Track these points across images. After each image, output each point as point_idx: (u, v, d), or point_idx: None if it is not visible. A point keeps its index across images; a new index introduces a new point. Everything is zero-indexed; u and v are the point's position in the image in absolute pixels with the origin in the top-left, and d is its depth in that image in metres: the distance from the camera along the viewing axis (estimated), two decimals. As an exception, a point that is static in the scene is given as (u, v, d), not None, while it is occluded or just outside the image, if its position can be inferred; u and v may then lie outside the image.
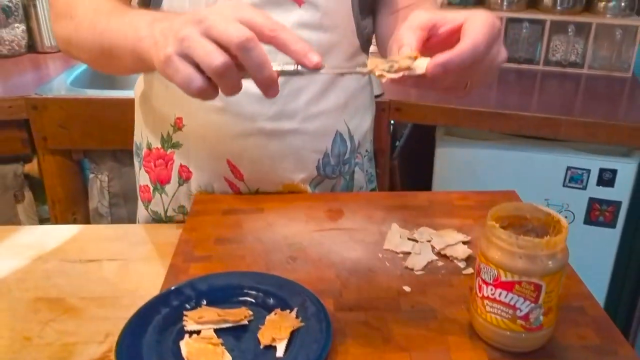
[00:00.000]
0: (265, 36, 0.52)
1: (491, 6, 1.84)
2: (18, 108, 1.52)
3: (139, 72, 0.76)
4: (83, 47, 0.77)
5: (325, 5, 0.83)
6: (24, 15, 1.91)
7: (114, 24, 0.69)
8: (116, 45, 0.67)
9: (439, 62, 0.52)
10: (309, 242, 0.79)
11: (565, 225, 0.57)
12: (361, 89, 0.96)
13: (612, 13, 1.77)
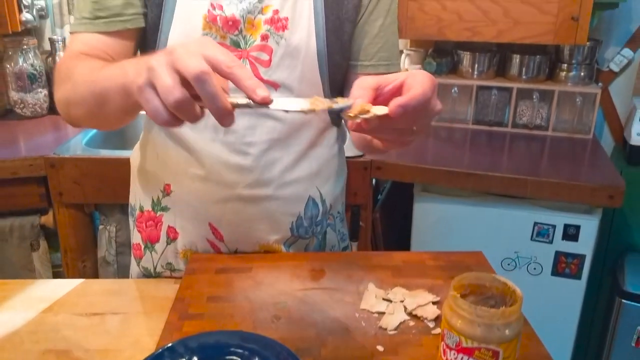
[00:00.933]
0: (223, 71, 0.53)
1: (463, 74, 1.89)
2: (38, 166, 1.54)
3: (128, 113, 0.73)
4: (80, 101, 0.76)
5: (299, 89, 0.86)
6: (46, 81, 1.94)
7: (106, 72, 0.70)
8: (107, 88, 0.68)
9: (400, 103, 0.56)
10: (292, 301, 0.79)
11: (520, 296, 0.58)
12: (333, 157, 0.97)
13: (572, 82, 1.81)
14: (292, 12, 0.83)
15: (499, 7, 1.61)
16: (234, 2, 0.82)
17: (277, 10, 0.82)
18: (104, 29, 0.82)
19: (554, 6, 1.56)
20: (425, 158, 1.61)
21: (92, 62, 0.78)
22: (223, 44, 0.82)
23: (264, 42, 0.83)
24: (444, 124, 1.91)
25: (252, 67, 0.83)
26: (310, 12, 0.83)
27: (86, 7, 0.83)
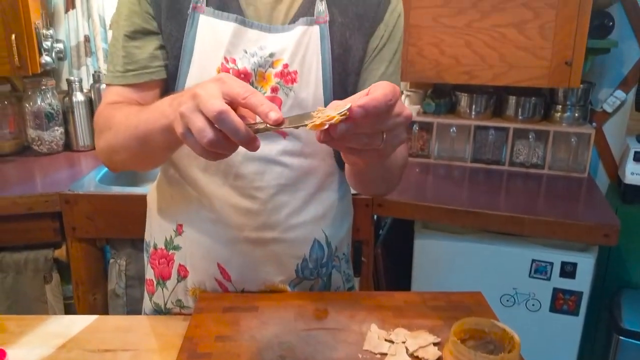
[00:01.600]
0: (240, 102, 0.59)
1: (461, 115, 1.92)
2: (53, 202, 1.56)
3: (171, 149, 0.79)
4: (123, 146, 0.81)
5: (306, 137, 0.88)
6: (62, 119, 1.98)
7: (144, 116, 0.75)
8: (149, 130, 0.73)
9: (359, 103, 0.56)
10: (297, 341, 0.80)
11: (518, 342, 0.58)
12: (338, 200, 0.98)
13: (567, 122, 1.84)
14: (300, 66, 0.85)
15: (495, 52, 1.64)
16: (247, 57, 0.84)
17: (287, 64, 0.85)
18: (134, 80, 0.87)
19: (548, 52, 1.60)
20: (425, 195, 1.63)
21: (128, 108, 0.83)
22: None
23: (273, 94, 0.85)
24: (443, 161, 1.93)
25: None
26: (318, 65, 0.86)
27: (118, 61, 0.87)
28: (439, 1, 1.65)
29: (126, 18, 0.86)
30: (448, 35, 1.67)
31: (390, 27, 0.90)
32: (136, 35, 0.86)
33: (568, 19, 1.56)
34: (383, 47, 0.90)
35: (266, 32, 0.85)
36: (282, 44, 0.85)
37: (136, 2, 0.86)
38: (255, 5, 0.86)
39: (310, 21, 0.85)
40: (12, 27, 1.70)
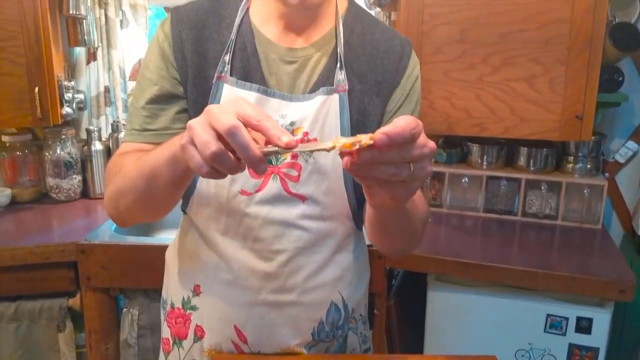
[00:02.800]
0: (253, 124, 0.59)
1: (473, 165, 1.93)
2: (69, 252, 1.59)
3: (177, 185, 0.76)
4: (130, 187, 0.81)
5: (325, 200, 0.90)
6: (81, 168, 2.03)
7: (154, 152, 0.76)
8: (156, 164, 0.74)
9: (383, 131, 0.55)
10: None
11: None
12: (355, 261, 0.99)
13: (579, 173, 1.85)
14: (320, 133, 0.87)
15: (505, 105, 1.67)
16: None
17: (307, 132, 0.87)
18: (151, 140, 0.88)
19: (559, 105, 1.62)
20: (438, 247, 1.63)
21: (139, 153, 0.83)
22: None
23: (293, 160, 0.88)
24: (456, 211, 1.94)
25: (282, 182, 0.88)
26: (337, 132, 0.88)
27: (137, 120, 0.90)
28: (450, 56, 1.69)
29: (153, 82, 0.89)
30: (459, 88, 1.70)
31: (407, 91, 0.93)
32: (161, 99, 0.89)
33: (578, 74, 1.58)
34: (398, 109, 0.93)
35: (287, 101, 0.87)
36: (302, 113, 0.87)
37: (164, 67, 0.89)
38: (277, 76, 0.89)
39: (330, 90, 0.88)
40: (36, 81, 1.76)
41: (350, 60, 0.90)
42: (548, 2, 1.57)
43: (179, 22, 0.89)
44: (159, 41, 0.90)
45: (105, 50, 2.09)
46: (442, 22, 1.67)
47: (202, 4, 0.92)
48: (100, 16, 2.05)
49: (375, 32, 0.93)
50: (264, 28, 0.90)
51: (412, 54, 0.94)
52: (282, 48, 0.89)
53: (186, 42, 0.88)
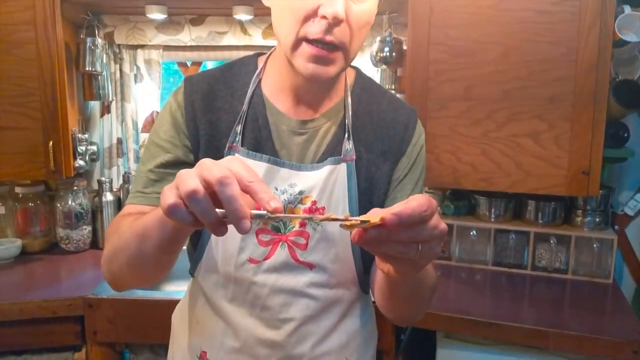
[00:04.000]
0: (243, 184, 0.56)
1: (480, 217, 1.93)
2: (76, 306, 1.59)
3: (164, 249, 0.72)
4: (122, 247, 0.78)
5: (332, 268, 0.90)
6: (91, 218, 2.05)
7: (147, 214, 0.74)
8: (148, 223, 0.72)
9: (394, 211, 0.55)
10: None
11: None
12: (362, 326, 0.99)
13: (588, 227, 1.83)
14: (328, 201, 0.89)
15: (511, 160, 1.68)
16: (277, 194, 0.88)
17: (315, 201, 0.88)
18: (155, 202, 0.87)
19: (565, 161, 1.63)
20: (447, 303, 1.61)
21: (139, 214, 0.82)
22: (264, 229, 0.88)
23: (301, 229, 0.88)
24: (464, 264, 1.92)
25: (290, 250, 0.88)
26: (345, 200, 0.89)
27: (142, 182, 0.90)
28: (455, 112, 1.71)
29: (165, 150, 0.90)
30: (464, 143, 1.72)
31: (412, 160, 0.94)
32: (171, 165, 0.89)
33: (583, 130, 1.60)
34: (404, 177, 0.94)
35: (296, 171, 0.89)
36: (311, 182, 0.88)
37: (176, 135, 0.90)
38: (288, 146, 0.91)
39: (338, 160, 0.89)
40: (51, 135, 1.80)
41: (357, 129, 0.92)
42: (551, 60, 1.60)
43: (192, 92, 0.91)
44: (171, 110, 0.92)
45: (119, 103, 2.14)
46: (447, 79, 1.70)
47: (214, 73, 0.95)
48: (116, 71, 2.12)
49: (382, 102, 0.95)
50: (275, 99, 0.92)
51: (417, 124, 0.96)
52: (293, 120, 0.91)
53: (198, 111, 0.90)
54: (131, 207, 0.90)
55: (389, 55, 1.88)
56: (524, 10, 1.60)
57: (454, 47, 1.68)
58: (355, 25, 0.81)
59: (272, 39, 2.06)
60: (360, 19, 0.81)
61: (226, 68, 0.96)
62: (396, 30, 2.00)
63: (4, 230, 2.01)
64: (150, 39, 2.08)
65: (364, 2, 0.81)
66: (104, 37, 2.05)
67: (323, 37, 0.79)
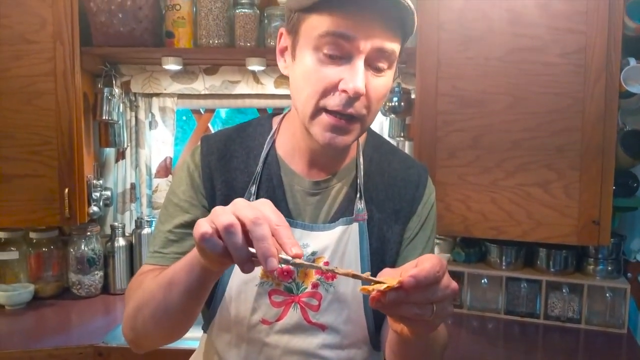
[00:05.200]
0: (272, 227, 0.61)
1: (492, 264, 1.92)
2: (87, 354, 1.59)
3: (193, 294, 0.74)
4: (148, 299, 0.79)
5: (345, 329, 0.90)
6: (103, 264, 2.06)
7: (173, 264, 0.77)
8: (173, 273, 0.74)
9: (410, 273, 0.58)
10: None
11: None
12: None
13: (600, 275, 1.82)
14: (340, 262, 0.89)
15: (521, 209, 1.68)
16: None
17: (327, 262, 0.89)
18: (174, 263, 0.86)
19: (575, 210, 1.63)
20: (459, 353, 1.59)
21: (160, 270, 0.83)
22: (277, 290, 0.89)
23: (314, 290, 0.89)
24: (476, 312, 1.90)
25: (302, 312, 0.89)
26: (357, 260, 0.90)
27: (161, 242, 0.91)
28: (464, 161, 1.73)
29: (183, 210, 0.91)
30: (474, 192, 1.73)
31: (423, 219, 0.96)
32: (190, 225, 0.89)
33: (592, 180, 1.60)
34: (415, 236, 0.95)
35: (309, 231, 0.90)
36: (323, 243, 0.89)
37: (194, 196, 0.92)
38: (301, 207, 0.92)
39: (350, 220, 0.91)
40: (67, 182, 1.84)
41: (369, 189, 0.93)
42: (558, 111, 1.62)
43: (208, 152, 0.94)
44: (189, 170, 0.94)
45: (133, 149, 2.19)
46: (456, 129, 1.73)
47: (230, 134, 0.97)
48: (131, 118, 2.17)
49: (392, 161, 0.97)
50: (290, 160, 0.94)
51: (428, 182, 0.98)
52: (306, 181, 0.93)
53: (215, 172, 0.92)
54: (149, 267, 0.90)
55: (397, 105, 1.92)
56: (531, 63, 1.64)
57: (462, 97, 1.71)
58: (374, 98, 0.82)
59: (283, 88, 2.11)
60: (379, 92, 0.82)
61: (242, 128, 0.98)
62: (405, 79, 2.04)
63: (17, 275, 2.02)
64: (166, 87, 2.13)
65: (382, 75, 0.82)
66: (120, 86, 2.10)
67: (343, 110, 0.80)
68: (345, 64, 0.79)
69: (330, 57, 0.79)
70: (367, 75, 0.80)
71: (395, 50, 0.81)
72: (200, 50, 1.92)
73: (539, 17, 1.61)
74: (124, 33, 1.85)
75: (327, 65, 0.79)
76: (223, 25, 1.88)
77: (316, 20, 0.79)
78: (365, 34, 0.77)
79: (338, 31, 0.77)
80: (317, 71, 0.80)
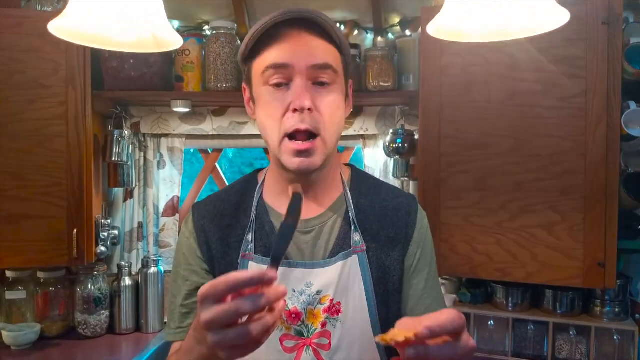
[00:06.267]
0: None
1: (498, 306, 1.90)
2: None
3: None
4: None
5: None
6: (109, 303, 2.06)
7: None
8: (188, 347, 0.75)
9: (426, 324, 0.59)
10: None
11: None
12: None
13: (608, 317, 1.79)
14: (345, 296, 0.91)
15: (526, 251, 1.68)
16: (295, 295, 0.91)
17: (332, 299, 0.91)
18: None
19: (580, 252, 1.62)
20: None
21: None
22: (288, 335, 0.90)
23: (324, 329, 0.90)
24: (484, 354, 1.87)
25: (315, 353, 0.89)
26: (361, 291, 0.91)
27: (177, 317, 0.95)
28: (468, 202, 1.73)
29: (185, 278, 0.95)
30: (479, 233, 1.73)
31: (421, 244, 0.98)
32: (194, 292, 0.93)
33: (596, 222, 1.60)
34: (417, 262, 0.97)
35: (310, 269, 0.92)
36: (326, 279, 0.91)
37: (193, 262, 0.96)
38: (297, 246, 0.94)
39: (349, 253, 0.93)
40: (75, 223, 1.85)
41: (362, 221, 0.95)
42: (560, 154, 1.63)
43: (199, 217, 0.98)
44: (185, 238, 0.99)
45: (141, 188, 2.21)
46: (459, 171, 1.74)
47: (219, 195, 1.02)
48: (140, 158, 2.20)
49: (381, 193, 1.00)
50: (277, 205, 0.97)
51: (418, 208, 1.01)
52: None
53: (209, 233, 0.96)
54: (177, 344, 0.94)
55: (401, 146, 1.94)
56: (532, 107, 1.66)
57: (465, 140, 1.73)
58: (325, 112, 0.89)
59: (289, 128, 2.14)
60: (328, 105, 0.89)
61: (229, 188, 1.04)
62: (408, 120, 2.06)
63: (24, 314, 2.02)
64: (174, 128, 2.17)
65: (328, 89, 0.90)
66: (130, 127, 2.14)
67: (299, 126, 0.86)
68: (291, 88, 0.88)
69: (277, 85, 0.89)
70: (313, 91, 0.88)
71: (331, 62, 0.90)
72: (209, 94, 1.96)
73: (539, 63, 1.64)
74: (134, 77, 1.89)
75: (277, 94, 0.89)
76: (231, 69, 1.93)
77: (258, 62, 0.91)
78: (297, 57, 0.87)
79: (274, 63, 0.88)
80: (270, 101, 0.89)
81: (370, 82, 1.90)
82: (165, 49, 0.87)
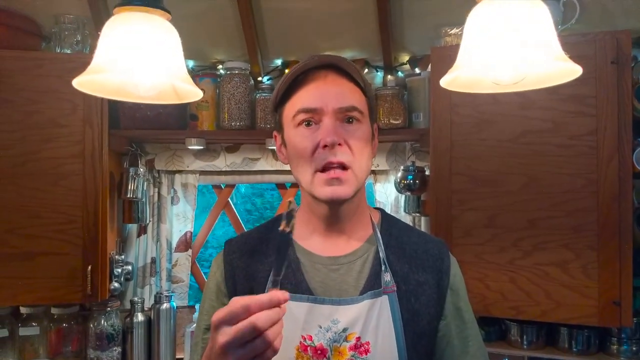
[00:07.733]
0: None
1: (512, 343, 1.87)
2: None
3: None
4: None
5: None
6: (122, 339, 2.05)
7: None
8: None
9: None
10: None
11: None
12: None
13: (625, 356, 1.75)
14: (374, 336, 0.90)
15: (540, 289, 1.66)
16: (322, 332, 0.90)
17: (359, 337, 0.90)
18: None
19: (594, 291, 1.60)
20: None
21: None
22: None
23: None
24: (498, 394, 1.84)
25: None
26: (391, 332, 0.91)
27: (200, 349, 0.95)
28: (480, 239, 1.72)
29: (207, 312, 0.96)
30: (492, 270, 1.71)
31: (458, 292, 0.99)
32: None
33: (610, 260, 1.58)
34: (458, 309, 0.98)
35: (337, 305, 0.91)
36: (353, 316, 0.90)
37: (214, 297, 0.97)
38: (325, 283, 0.94)
39: (379, 292, 0.92)
40: (90, 260, 1.86)
41: (392, 262, 0.96)
42: (573, 191, 1.62)
43: (230, 251, 1.00)
44: (213, 273, 1.00)
45: (155, 224, 2.22)
46: (470, 208, 1.73)
47: (251, 233, 1.03)
48: (154, 194, 2.21)
49: (411, 236, 1.01)
50: (307, 243, 0.98)
51: (450, 254, 1.01)
52: (324, 258, 0.96)
53: (237, 268, 0.97)
54: None
55: (412, 183, 1.94)
56: (543, 144, 1.66)
57: (476, 177, 1.73)
58: (354, 145, 0.92)
59: (301, 164, 2.15)
60: (356, 137, 0.93)
61: (262, 226, 1.04)
62: (419, 156, 2.07)
63: (36, 351, 2.01)
64: (188, 165, 2.19)
65: (357, 130, 0.93)
66: (145, 163, 2.16)
67: (330, 159, 0.89)
68: (321, 127, 0.92)
69: (307, 125, 0.93)
70: (341, 126, 0.92)
71: (357, 105, 0.94)
72: (223, 132, 1.98)
73: (549, 101, 1.64)
74: (150, 117, 1.92)
75: (307, 133, 0.93)
76: (245, 108, 1.95)
77: (288, 107, 0.96)
78: (325, 101, 0.92)
79: (304, 107, 0.93)
80: (301, 140, 0.93)
81: (381, 119, 1.91)
82: (184, 100, 0.89)
